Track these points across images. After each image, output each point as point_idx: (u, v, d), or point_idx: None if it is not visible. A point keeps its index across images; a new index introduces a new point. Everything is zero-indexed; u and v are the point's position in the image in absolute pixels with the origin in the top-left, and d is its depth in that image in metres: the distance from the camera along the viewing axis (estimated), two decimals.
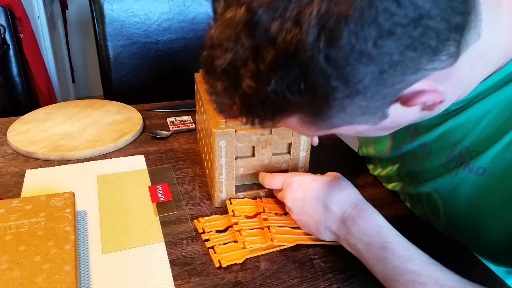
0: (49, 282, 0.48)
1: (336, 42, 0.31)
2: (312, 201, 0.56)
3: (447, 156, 0.57)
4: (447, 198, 0.59)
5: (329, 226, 0.55)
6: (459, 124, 0.54)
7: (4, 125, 0.90)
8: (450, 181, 0.57)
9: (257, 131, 0.62)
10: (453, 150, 0.56)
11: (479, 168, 0.53)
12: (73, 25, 2.74)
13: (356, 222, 0.53)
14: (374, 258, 0.50)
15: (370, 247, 0.51)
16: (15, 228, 0.55)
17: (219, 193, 0.65)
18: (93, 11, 1.36)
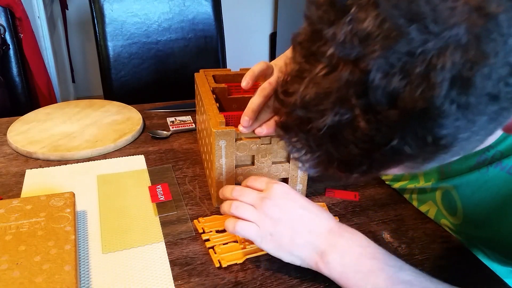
0: (49, 282, 0.48)
1: (469, 89, 0.29)
2: (298, 209, 0.53)
3: (477, 160, 0.57)
4: (470, 195, 0.59)
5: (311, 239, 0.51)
6: None
7: (4, 125, 0.90)
8: (477, 179, 0.57)
9: (256, 141, 0.62)
10: (484, 154, 0.56)
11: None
12: (73, 25, 2.74)
13: (344, 235, 0.51)
14: (365, 270, 0.48)
15: (361, 258, 0.49)
16: (15, 228, 0.55)
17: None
18: (93, 11, 1.36)
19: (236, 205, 0.54)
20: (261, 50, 3.35)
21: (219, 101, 0.76)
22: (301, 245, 0.51)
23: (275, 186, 0.54)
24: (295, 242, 0.51)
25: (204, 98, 0.69)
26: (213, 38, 1.47)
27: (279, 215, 0.52)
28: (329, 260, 0.50)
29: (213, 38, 1.47)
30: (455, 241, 0.62)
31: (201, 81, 0.77)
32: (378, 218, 0.66)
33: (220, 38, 1.49)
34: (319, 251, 0.50)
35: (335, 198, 0.71)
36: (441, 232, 0.64)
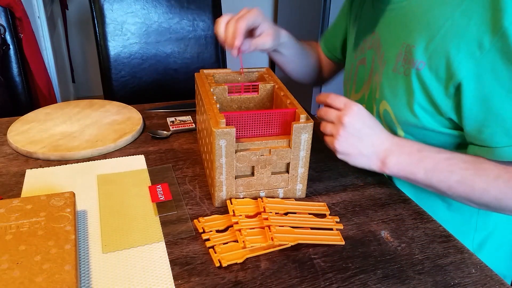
0: (50, 281, 0.48)
1: None
2: (366, 129, 0.65)
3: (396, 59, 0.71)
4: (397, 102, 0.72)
5: (373, 151, 0.66)
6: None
7: (4, 125, 0.90)
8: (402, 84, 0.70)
9: (256, 152, 0.64)
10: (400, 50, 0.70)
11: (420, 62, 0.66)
12: (73, 25, 2.74)
13: (398, 143, 0.67)
14: (415, 160, 0.65)
15: (410, 154, 0.66)
16: (16, 228, 0.55)
17: (219, 192, 0.65)
18: (93, 11, 1.36)
19: (322, 124, 0.69)
20: None
21: (219, 101, 0.76)
22: (366, 155, 0.67)
23: (351, 108, 0.65)
24: (362, 152, 0.67)
25: (204, 98, 0.69)
26: (213, 38, 1.47)
27: (351, 132, 0.65)
28: (387, 162, 0.67)
29: (213, 38, 1.47)
30: (455, 241, 0.62)
31: (201, 81, 0.77)
32: (378, 218, 0.66)
33: None
34: (380, 158, 0.67)
35: (335, 198, 0.71)
36: (441, 232, 0.64)
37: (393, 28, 0.74)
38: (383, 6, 0.77)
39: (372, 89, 0.80)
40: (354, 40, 0.88)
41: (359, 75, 0.86)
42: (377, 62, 0.78)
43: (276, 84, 0.77)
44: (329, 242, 0.60)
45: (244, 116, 0.64)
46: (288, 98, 0.71)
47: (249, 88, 0.77)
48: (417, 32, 0.67)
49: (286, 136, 0.65)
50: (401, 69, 0.70)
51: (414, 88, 0.68)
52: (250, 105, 0.79)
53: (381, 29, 0.78)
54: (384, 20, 0.77)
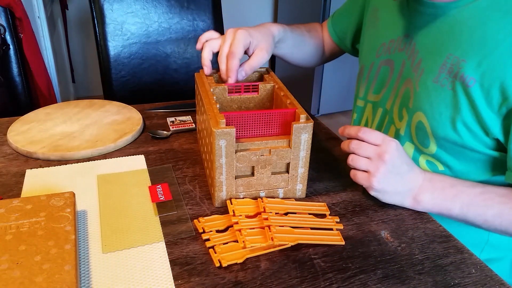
0: (50, 281, 0.48)
1: None
2: (403, 165, 0.64)
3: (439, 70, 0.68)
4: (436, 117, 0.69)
5: (408, 188, 0.65)
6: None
7: (4, 125, 0.90)
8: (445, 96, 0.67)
9: (256, 152, 0.64)
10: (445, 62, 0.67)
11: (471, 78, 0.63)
12: (73, 25, 2.74)
13: (431, 180, 0.66)
14: (450, 197, 0.64)
15: (444, 190, 0.64)
16: (15, 228, 0.55)
17: (219, 192, 0.65)
18: (93, 11, 1.36)
19: (353, 158, 0.65)
20: None
21: (219, 101, 0.76)
22: (401, 193, 0.65)
23: (391, 144, 0.62)
24: (398, 190, 0.65)
25: (204, 98, 0.69)
26: None
27: (391, 169, 0.63)
28: (421, 199, 0.65)
29: None
30: (455, 241, 0.62)
31: (201, 81, 0.77)
32: (378, 218, 0.66)
33: None
34: (413, 195, 0.65)
35: (335, 198, 0.71)
36: (441, 232, 0.64)
37: (436, 36, 0.70)
38: (423, 9, 0.72)
39: (402, 96, 0.77)
40: (376, 37, 0.85)
41: (381, 76, 0.83)
42: (410, 68, 0.75)
43: (276, 84, 0.77)
44: (329, 242, 0.60)
45: (244, 116, 0.64)
46: (288, 98, 0.71)
47: (249, 88, 0.77)
48: (469, 45, 0.64)
49: (286, 136, 0.65)
50: (445, 82, 0.67)
51: (460, 105, 0.65)
52: (250, 105, 0.79)
53: (419, 34, 0.73)
54: (424, 25, 0.72)
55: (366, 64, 0.88)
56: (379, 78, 0.83)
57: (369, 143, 0.63)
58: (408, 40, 0.76)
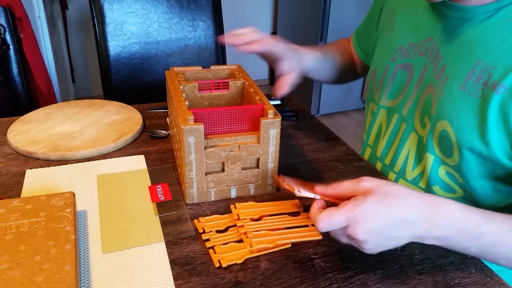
0: (50, 281, 0.48)
1: None
2: (389, 226, 0.50)
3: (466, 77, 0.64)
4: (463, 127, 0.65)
5: (413, 235, 0.51)
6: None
7: (4, 125, 0.90)
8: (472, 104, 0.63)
9: (226, 148, 0.64)
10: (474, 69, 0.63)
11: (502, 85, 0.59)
12: (73, 25, 2.74)
13: (442, 217, 0.51)
14: (469, 238, 0.52)
15: (465, 230, 0.51)
16: (15, 228, 0.55)
17: (190, 189, 0.66)
18: (93, 11, 1.36)
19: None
20: None
21: (189, 99, 0.77)
22: (401, 240, 0.51)
23: (357, 219, 0.49)
24: (397, 242, 0.51)
25: (174, 96, 0.70)
26: (213, 38, 1.47)
27: (372, 240, 0.50)
28: (429, 242, 0.52)
29: (213, 38, 1.47)
30: None
31: (171, 79, 0.77)
32: None
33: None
34: (416, 238, 0.51)
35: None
36: None
37: (463, 41, 0.67)
38: (450, 12, 0.69)
39: (423, 102, 0.74)
40: (391, 40, 0.82)
41: (397, 81, 0.80)
42: (432, 73, 0.72)
43: (246, 81, 0.78)
44: (307, 239, 0.60)
45: (212, 112, 0.65)
46: (257, 94, 0.71)
47: (220, 85, 0.78)
48: (500, 52, 0.61)
49: (255, 132, 0.66)
50: (473, 89, 0.64)
51: (489, 114, 0.62)
52: (221, 102, 0.80)
53: (444, 38, 0.70)
54: (450, 29, 0.69)
55: (379, 68, 0.84)
56: (396, 83, 0.80)
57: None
58: (431, 44, 0.73)
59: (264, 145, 0.65)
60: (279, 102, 1.04)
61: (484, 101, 0.62)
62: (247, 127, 0.68)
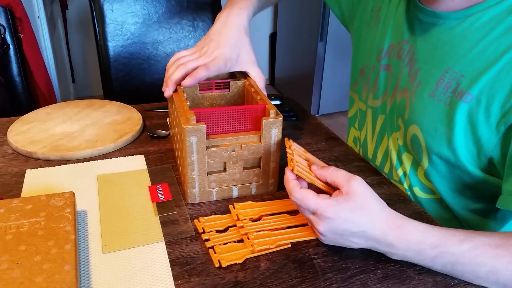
0: (50, 281, 0.48)
1: None
2: (350, 233, 0.54)
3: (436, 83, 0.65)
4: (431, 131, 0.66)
5: (371, 247, 0.56)
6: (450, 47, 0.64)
7: (4, 125, 0.90)
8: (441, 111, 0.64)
9: (227, 147, 0.64)
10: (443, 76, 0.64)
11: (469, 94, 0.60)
12: (73, 25, 2.74)
13: (400, 239, 0.54)
14: (429, 258, 0.53)
15: (422, 252, 0.53)
16: (15, 228, 0.55)
17: (192, 189, 0.66)
18: (93, 11, 1.36)
19: (300, 210, 0.57)
20: (261, 50, 3.35)
21: (190, 99, 0.78)
22: (355, 244, 0.56)
23: (325, 217, 0.53)
24: (346, 245, 0.56)
25: (175, 96, 0.70)
26: None
27: (330, 237, 0.55)
28: (391, 257, 0.56)
29: None
30: None
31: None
32: None
33: None
34: (379, 250, 0.56)
35: None
36: None
37: (435, 47, 0.67)
38: (423, 17, 0.68)
39: (398, 105, 0.74)
40: (376, 39, 0.81)
41: (380, 81, 0.80)
42: (407, 77, 0.72)
43: (247, 81, 0.78)
44: (308, 238, 0.60)
45: (214, 112, 0.65)
46: (258, 94, 0.71)
47: (220, 85, 0.78)
48: (468, 60, 0.61)
49: (256, 132, 0.66)
50: (442, 96, 0.64)
51: (456, 121, 0.62)
52: (222, 102, 0.80)
53: (418, 42, 0.70)
54: (423, 33, 0.69)
55: (367, 66, 0.84)
56: (379, 83, 0.80)
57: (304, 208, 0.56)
58: (407, 47, 0.73)
59: (265, 144, 0.66)
60: (279, 102, 1.04)
61: (452, 109, 0.63)
62: (249, 127, 0.67)
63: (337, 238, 0.55)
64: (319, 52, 2.75)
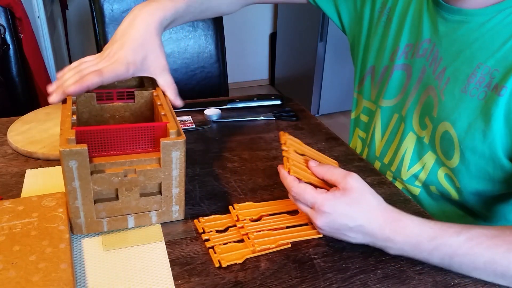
0: (46, 280, 0.47)
1: None
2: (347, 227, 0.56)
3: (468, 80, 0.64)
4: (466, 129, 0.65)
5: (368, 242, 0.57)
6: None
7: (4, 125, 0.90)
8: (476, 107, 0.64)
9: (118, 173, 0.55)
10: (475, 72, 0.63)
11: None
12: (73, 25, 2.74)
13: (398, 232, 0.54)
14: (427, 251, 0.54)
15: (420, 245, 0.54)
16: (8, 229, 0.55)
17: (76, 219, 0.57)
18: (93, 11, 1.36)
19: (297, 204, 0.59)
20: (261, 50, 3.35)
21: (87, 111, 0.68)
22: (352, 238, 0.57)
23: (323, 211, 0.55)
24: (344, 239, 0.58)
25: (63, 109, 0.60)
26: (213, 38, 1.47)
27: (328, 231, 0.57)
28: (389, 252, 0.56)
29: (213, 38, 1.47)
30: None
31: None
32: None
33: (220, 38, 1.49)
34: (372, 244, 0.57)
35: None
36: None
37: (463, 44, 0.67)
38: (449, 15, 0.69)
39: (423, 104, 0.74)
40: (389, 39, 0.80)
41: (394, 81, 0.80)
42: (432, 75, 0.72)
43: (155, 91, 0.68)
44: (308, 237, 0.60)
45: (100, 132, 0.55)
46: (163, 108, 0.62)
47: (123, 95, 0.68)
48: (502, 54, 0.62)
49: (155, 154, 0.57)
50: (475, 92, 0.64)
51: (494, 116, 0.62)
52: (126, 114, 0.69)
53: (443, 41, 0.70)
54: (449, 32, 0.69)
55: (377, 66, 0.84)
56: (393, 83, 0.80)
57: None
58: (429, 46, 0.72)
59: (166, 168, 0.57)
60: (279, 102, 1.04)
61: (487, 103, 0.63)
62: (148, 147, 0.58)
63: (335, 233, 0.57)
64: (319, 52, 2.74)
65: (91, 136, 0.55)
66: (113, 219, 0.59)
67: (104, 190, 0.56)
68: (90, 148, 0.55)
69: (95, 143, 0.56)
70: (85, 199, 0.55)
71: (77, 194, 0.55)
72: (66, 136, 0.52)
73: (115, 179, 0.55)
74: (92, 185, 0.55)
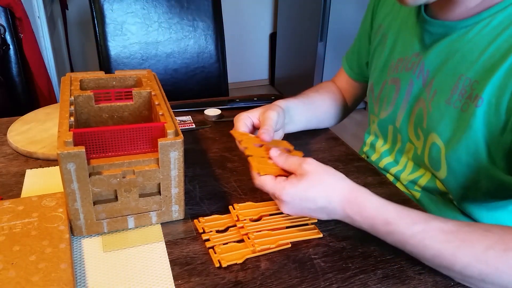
0: (46, 280, 0.47)
1: None
2: (309, 210, 0.58)
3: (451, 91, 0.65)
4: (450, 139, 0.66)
5: (332, 218, 0.59)
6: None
7: (4, 125, 0.90)
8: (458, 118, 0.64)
9: (117, 174, 0.55)
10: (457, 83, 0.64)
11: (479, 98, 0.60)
12: (73, 25, 2.74)
13: (355, 212, 0.56)
14: (381, 234, 0.56)
15: (374, 226, 0.56)
16: (8, 229, 0.55)
17: (76, 221, 0.57)
18: (93, 11, 1.36)
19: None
20: (261, 50, 3.35)
21: (85, 112, 0.68)
22: (317, 217, 0.60)
23: (283, 198, 0.57)
24: (312, 216, 0.60)
25: (61, 110, 0.60)
26: (213, 38, 1.47)
27: (291, 211, 0.59)
28: (353, 225, 0.58)
29: (213, 38, 1.47)
30: None
31: (64, 88, 0.67)
32: None
33: (221, 38, 1.49)
34: (344, 221, 0.59)
35: None
36: None
37: (446, 56, 0.68)
38: (431, 28, 0.70)
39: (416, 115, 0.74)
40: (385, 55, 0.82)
41: (384, 94, 0.82)
42: (422, 87, 0.72)
43: (152, 91, 0.68)
44: (308, 237, 0.60)
45: (97, 133, 0.55)
46: (161, 108, 0.62)
47: (121, 95, 0.68)
48: (480, 66, 0.62)
49: (153, 154, 0.57)
50: (458, 103, 0.65)
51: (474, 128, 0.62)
52: (124, 114, 0.70)
53: (429, 53, 0.71)
54: (433, 44, 0.70)
55: (375, 82, 0.85)
56: (383, 96, 0.82)
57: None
58: (416, 60, 0.74)
59: (164, 169, 0.57)
60: None
61: (468, 114, 0.63)
62: (146, 148, 0.59)
63: (303, 215, 0.61)
64: (319, 52, 2.75)
65: (89, 138, 0.55)
66: (113, 220, 0.59)
67: (103, 192, 0.56)
68: (88, 149, 0.55)
69: (93, 144, 0.56)
70: (84, 201, 0.56)
71: (76, 196, 0.55)
72: (63, 139, 0.52)
73: (113, 181, 0.55)
74: (91, 187, 0.55)
